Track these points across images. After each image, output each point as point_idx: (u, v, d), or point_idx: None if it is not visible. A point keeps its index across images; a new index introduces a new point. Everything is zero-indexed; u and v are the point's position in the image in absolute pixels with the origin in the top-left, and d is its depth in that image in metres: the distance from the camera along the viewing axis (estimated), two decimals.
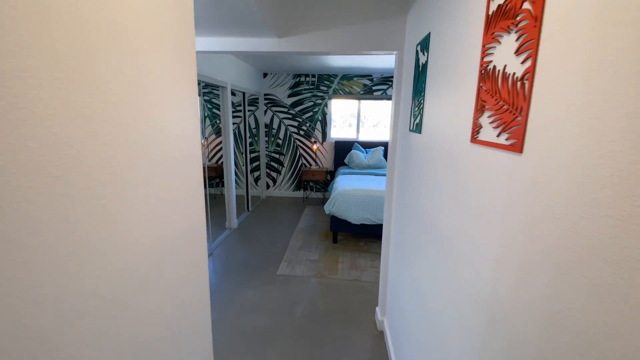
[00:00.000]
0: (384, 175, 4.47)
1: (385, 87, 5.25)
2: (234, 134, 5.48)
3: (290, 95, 5.50)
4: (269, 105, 5.58)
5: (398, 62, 1.93)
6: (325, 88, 5.40)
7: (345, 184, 3.83)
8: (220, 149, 4.53)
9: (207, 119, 5.58)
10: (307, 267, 3.14)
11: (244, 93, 4.71)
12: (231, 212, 4.17)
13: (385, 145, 5.35)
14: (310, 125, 5.57)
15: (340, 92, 5.38)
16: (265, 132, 5.70)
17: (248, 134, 5.54)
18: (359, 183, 3.86)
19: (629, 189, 0.42)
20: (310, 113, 5.53)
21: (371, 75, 5.25)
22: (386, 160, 5.23)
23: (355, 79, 5.31)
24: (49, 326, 0.50)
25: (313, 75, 5.38)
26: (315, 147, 5.50)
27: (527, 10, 0.63)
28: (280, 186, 5.88)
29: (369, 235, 3.81)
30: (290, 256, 3.37)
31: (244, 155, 5.05)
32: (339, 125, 5.70)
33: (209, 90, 5.49)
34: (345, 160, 5.20)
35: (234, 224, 4.23)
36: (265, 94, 5.55)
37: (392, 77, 5.20)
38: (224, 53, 2.04)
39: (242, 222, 4.47)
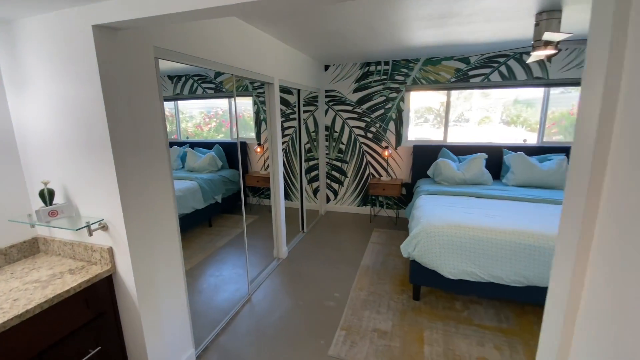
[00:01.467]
0: (493, 197, 3.06)
1: (488, 70, 3.81)
2: (291, 138, 4.69)
3: (356, 90, 4.45)
4: (331, 103, 4.62)
5: None
6: (401, 78, 4.20)
7: (433, 212, 2.62)
8: None
9: (264, 123, 4.91)
10: (375, 346, 2.07)
11: (298, 90, 3.84)
12: (280, 239, 3.35)
13: (489, 151, 3.89)
14: (380, 126, 4.44)
15: (423, 81, 4.11)
16: (326, 135, 4.77)
17: (305, 139, 4.68)
18: (456, 212, 2.61)
19: None
20: (382, 111, 4.39)
21: (466, 56, 3.86)
22: (489, 172, 3.80)
23: (443, 62, 3.98)
24: None
25: (386, 63, 4.22)
26: (386, 153, 4.34)
27: None
28: (342, 200, 4.90)
29: (467, 291, 2.37)
30: (350, 319, 2.35)
31: (299, 164, 4.20)
32: (419, 125, 4.43)
33: (264, 90, 4.80)
34: (429, 172, 3.93)
35: (283, 253, 3.40)
36: (326, 91, 4.61)
37: (497, 57, 3.73)
38: (221, 13, 1.12)
39: (294, 250, 3.61)
